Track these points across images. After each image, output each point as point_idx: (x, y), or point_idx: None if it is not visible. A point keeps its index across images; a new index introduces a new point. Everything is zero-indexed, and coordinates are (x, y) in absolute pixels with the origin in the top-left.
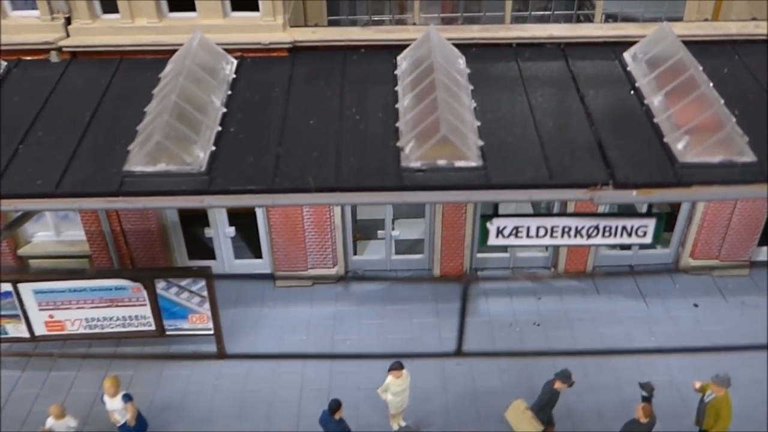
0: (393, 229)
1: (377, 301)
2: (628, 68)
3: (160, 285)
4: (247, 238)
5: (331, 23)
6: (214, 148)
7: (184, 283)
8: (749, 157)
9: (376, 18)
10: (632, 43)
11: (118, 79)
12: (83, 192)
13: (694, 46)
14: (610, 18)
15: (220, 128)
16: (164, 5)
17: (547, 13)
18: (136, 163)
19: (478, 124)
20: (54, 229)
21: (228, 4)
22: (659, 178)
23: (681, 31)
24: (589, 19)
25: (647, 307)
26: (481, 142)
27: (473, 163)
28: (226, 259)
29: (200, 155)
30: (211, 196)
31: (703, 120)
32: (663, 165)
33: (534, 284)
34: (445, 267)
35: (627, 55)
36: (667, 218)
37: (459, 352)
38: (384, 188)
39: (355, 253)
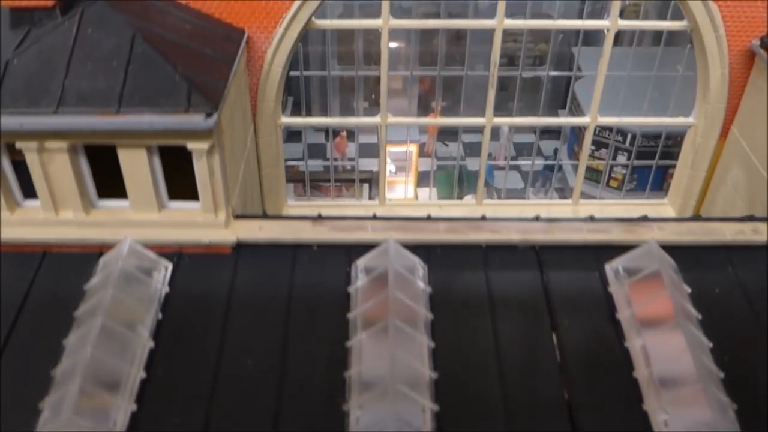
0: None
1: None
2: (609, 289)
3: None
4: None
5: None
6: (135, 407)
7: None
8: None
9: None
10: (616, 248)
11: (39, 284)
12: None
13: (684, 251)
14: (604, 130)
15: (144, 374)
16: (92, 194)
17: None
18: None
19: (435, 375)
20: None
21: (164, 195)
22: None
23: (670, 236)
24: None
25: None
26: (435, 407)
27: None
28: None
29: (117, 420)
30: None
31: (686, 388)
32: None
33: None
34: None
35: (609, 269)
36: None
37: None
38: None
39: None
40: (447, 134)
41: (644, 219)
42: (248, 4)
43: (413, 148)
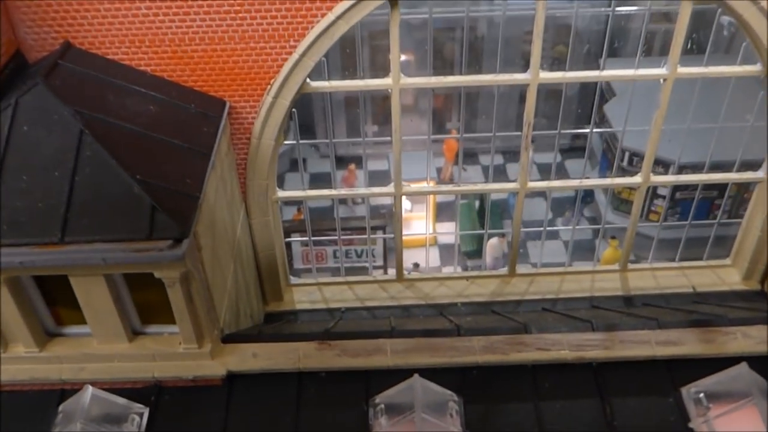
0: None
1: None
2: (691, 425)
3: None
4: None
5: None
6: None
7: None
8: None
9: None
10: (692, 362)
11: None
12: None
13: None
14: (660, 165)
15: None
16: (48, 324)
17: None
18: None
19: None
20: None
21: (135, 320)
22: None
23: (758, 348)
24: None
25: None
26: None
27: None
28: None
29: None
30: None
31: None
32: None
33: None
34: None
35: (686, 395)
36: None
37: None
38: None
39: None
40: (466, 156)
41: (721, 320)
42: (228, 71)
43: (430, 186)
